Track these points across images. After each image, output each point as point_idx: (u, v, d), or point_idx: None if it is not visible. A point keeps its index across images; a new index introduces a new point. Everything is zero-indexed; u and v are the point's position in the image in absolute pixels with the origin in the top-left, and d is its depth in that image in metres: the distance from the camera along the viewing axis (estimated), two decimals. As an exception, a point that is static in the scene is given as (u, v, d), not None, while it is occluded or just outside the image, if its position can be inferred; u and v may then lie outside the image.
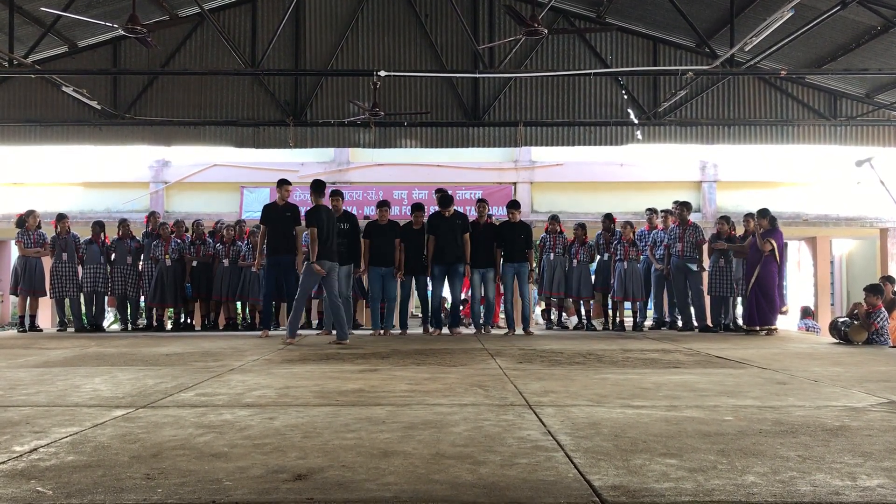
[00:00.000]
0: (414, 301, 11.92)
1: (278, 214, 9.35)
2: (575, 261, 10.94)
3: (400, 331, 10.07)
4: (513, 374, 5.43)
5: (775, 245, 9.54)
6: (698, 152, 15.88)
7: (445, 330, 10.03)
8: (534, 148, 15.05)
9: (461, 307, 10.63)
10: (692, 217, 10.94)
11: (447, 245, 9.52)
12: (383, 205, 9.82)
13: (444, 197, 9.71)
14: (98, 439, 3.24)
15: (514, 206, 10.09)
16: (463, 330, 10.18)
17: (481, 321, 9.96)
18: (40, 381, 5.22)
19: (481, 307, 10.00)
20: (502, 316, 10.90)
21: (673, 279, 10.58)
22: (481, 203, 10.13)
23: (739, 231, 10.64)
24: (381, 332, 9.69)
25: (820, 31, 10.50)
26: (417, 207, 9.86)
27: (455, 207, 9.87)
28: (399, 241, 9.68)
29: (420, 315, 11.69)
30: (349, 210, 10.61)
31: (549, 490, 2.49)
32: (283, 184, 9.53)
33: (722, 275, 10.42)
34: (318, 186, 8.53)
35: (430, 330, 9.91)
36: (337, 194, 9.79)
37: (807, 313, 14.53)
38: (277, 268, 9.46)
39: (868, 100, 12.87)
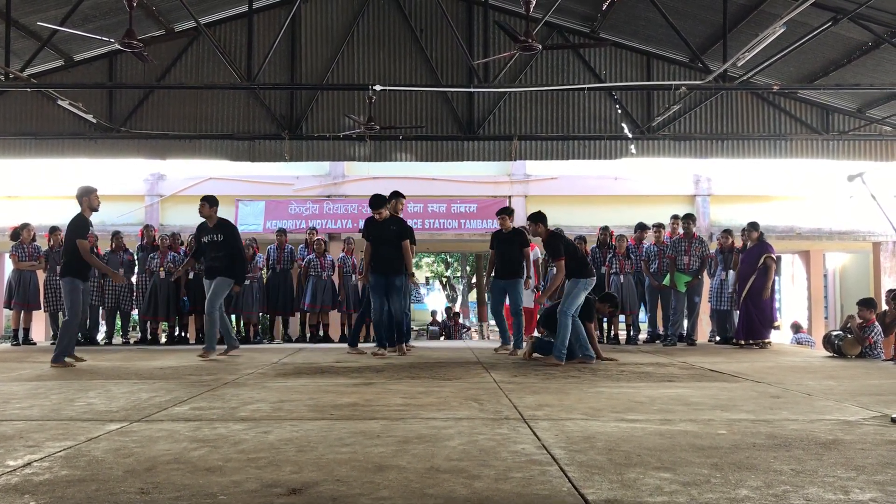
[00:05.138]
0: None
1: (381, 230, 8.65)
2: None
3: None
4: (507, 388, 5.43)
5: (773, 261, 9.65)
6: (692, 166, 16.00)
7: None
8: (528, 162, 15.12)
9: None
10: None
11: (382, 254, 8.35)
12: (504, 211, 9.13)
13: (375, 198, 8.28)
14: (92, 453, 3.23)
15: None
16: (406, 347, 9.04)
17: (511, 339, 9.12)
18: (34, 394, 5.20)
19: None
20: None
21: (674, 292, 10.56)
22: (503, 214, 9.27)
23: (739, 244, 10.67)
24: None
25: (812, 47, 10.59)
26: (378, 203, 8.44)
27: (398, 214, 8.54)
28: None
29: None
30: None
31: (544, 504, 2.50)
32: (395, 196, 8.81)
33: (725, 288, 10.50)
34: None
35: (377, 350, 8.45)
36: (206, 201, 8.48)
37: (798, 328, 14.61)
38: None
39: (860, 114, 12.96)
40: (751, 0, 10.17)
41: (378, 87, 10.72)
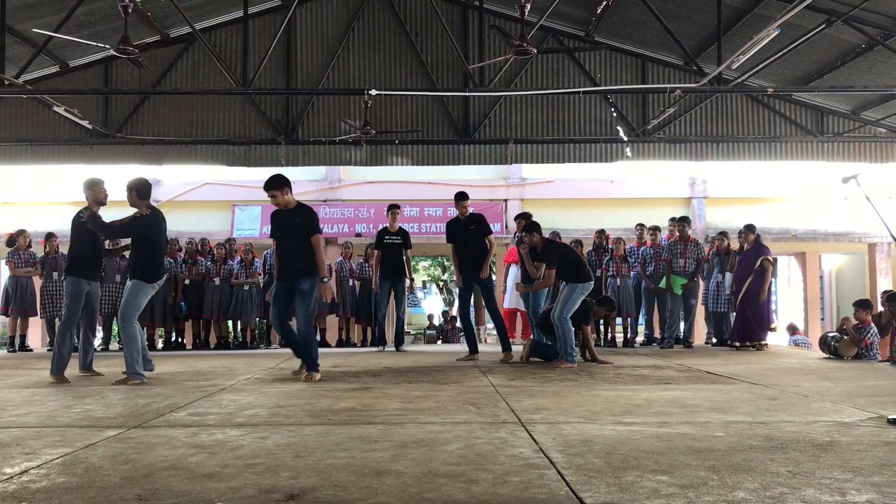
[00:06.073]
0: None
1: (462, 230, 8.54)
2: None
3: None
4: (505, 392, 5.43)
5: (770, 263, 9.70)
6: (688, 169, 16.04)
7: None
8: (524, 165, 15.13)
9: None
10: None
11: (285, 253, 6.63)
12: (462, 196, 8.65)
13: (271, 178, 6.50)
14: (89, 460, 3.22)
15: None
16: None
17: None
18: (31, 401, 5.19)
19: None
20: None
21: (671, 294, 10.56)
22: (519, 219, 9.11)
23: (734, 246, 10.67)
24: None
25: (806, 49, 10.63)
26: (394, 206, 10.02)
27: (299, 200, 6.77)
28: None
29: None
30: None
31: (541, 508, 2.50)
32: (461, 198, 8.63)
33: (721, 290, 10.52)
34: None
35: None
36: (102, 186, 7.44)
37: (794, 330, 14.64)
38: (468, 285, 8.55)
39: (854, 116, 13.00)
40: (745, 3, 10.22)
41: (374, 92, 10.73)
